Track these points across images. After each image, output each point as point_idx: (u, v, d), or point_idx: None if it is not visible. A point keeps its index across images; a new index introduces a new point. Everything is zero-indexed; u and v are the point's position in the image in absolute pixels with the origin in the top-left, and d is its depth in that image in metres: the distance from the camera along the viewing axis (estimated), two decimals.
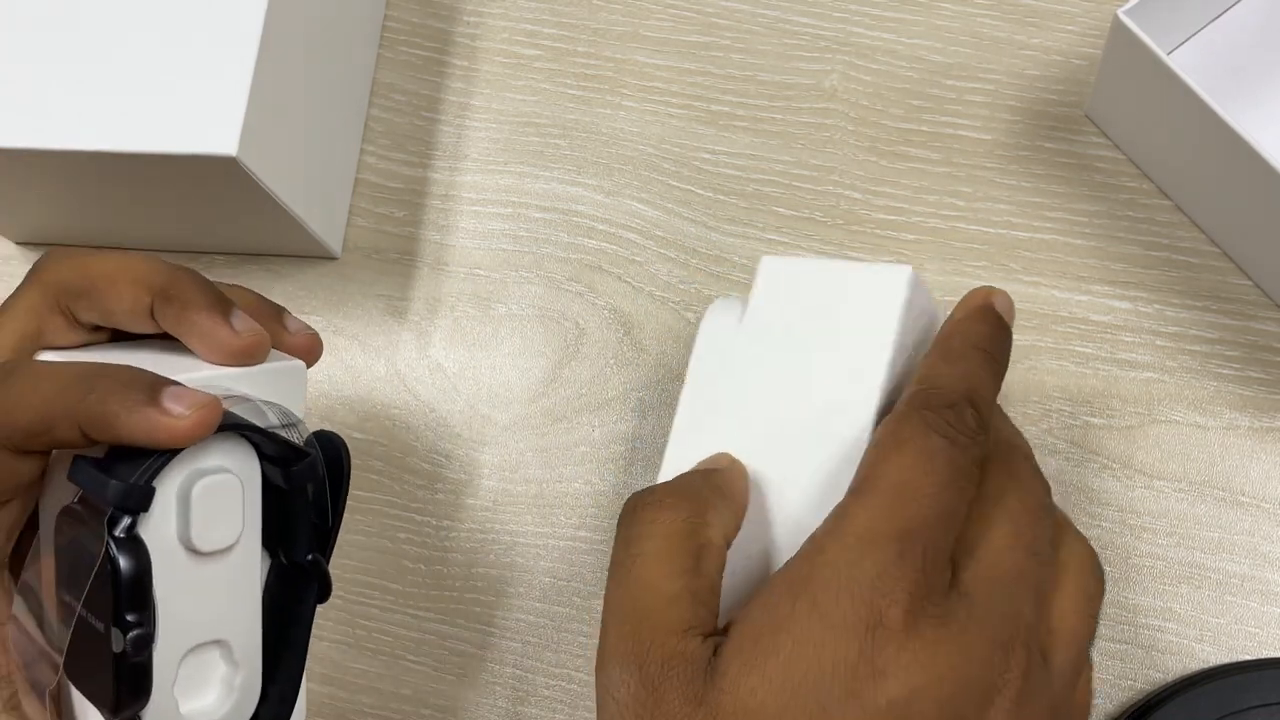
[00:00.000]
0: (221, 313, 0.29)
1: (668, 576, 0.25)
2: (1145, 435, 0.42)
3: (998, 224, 0.44)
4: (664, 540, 0.26)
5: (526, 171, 0.46)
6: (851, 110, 0.46)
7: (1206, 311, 0.43)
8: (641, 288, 0.44)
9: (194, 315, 0.28)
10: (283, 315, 0.32)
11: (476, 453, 0.43)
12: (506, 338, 0.44)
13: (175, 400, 0.25)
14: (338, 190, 0.45)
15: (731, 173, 0.45)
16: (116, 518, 0.24)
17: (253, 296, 0.31)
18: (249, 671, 0.28)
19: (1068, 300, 0.43)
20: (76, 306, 0.29)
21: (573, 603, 0.41)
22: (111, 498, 0.24)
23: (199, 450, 0.26)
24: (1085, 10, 0.46)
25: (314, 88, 0.42)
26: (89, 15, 0.38)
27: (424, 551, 0.42)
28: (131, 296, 0.28)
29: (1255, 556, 0.40)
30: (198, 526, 0.26)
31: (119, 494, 0.24)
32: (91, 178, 0.39)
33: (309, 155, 0.42)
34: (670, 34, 0.47)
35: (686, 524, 0.26)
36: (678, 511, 0.26)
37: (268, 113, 0.37)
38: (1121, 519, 0.41)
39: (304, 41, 0.40)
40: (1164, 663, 0.40)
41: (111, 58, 0.37)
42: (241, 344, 0.28)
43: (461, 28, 0.48)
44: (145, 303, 0.29)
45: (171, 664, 0.26)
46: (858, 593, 0.23)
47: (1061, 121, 0.45)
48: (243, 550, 0.27)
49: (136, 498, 0.24)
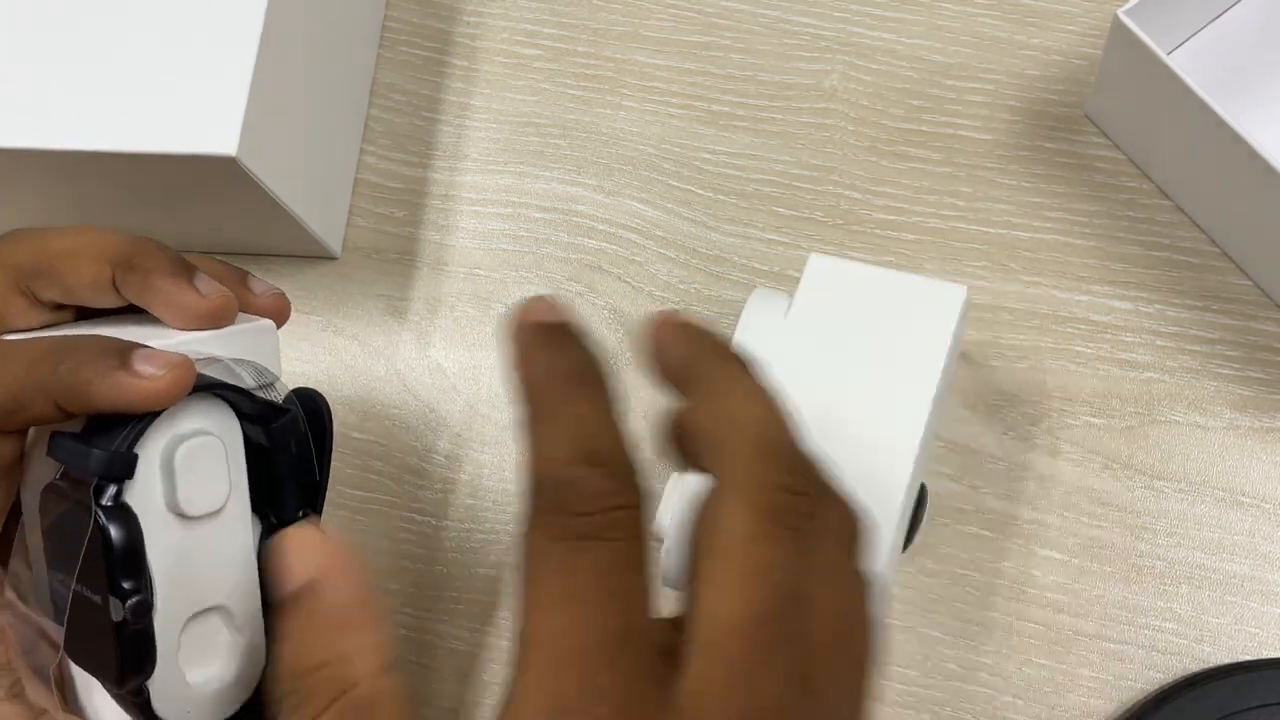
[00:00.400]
0: (185, 277, 0.28)
1: None
2: (1145, 435, 0.42)
3: (998, 224, 0.44)
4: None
5: (526, 171, 0.46)
6: (851, 110, 0.46)
7: (1206, 311, 0.43)
8: (641, 288, 0.44)
9: (157, 282, 0.28)
10: (248, 278, 0.31)
11: (476, 453, 0.43)
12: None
13: (146, 362, 0.25)
14: (338, 190, 0.45)
15: (731, 173, 0.45)
16: (102, 487, 0.24)
17: (217, 264, 0.31)
18: (252, 635, 0.28)
19: (1068, 300, 0.43)
20: (37, 286, 0.28)
21: None
22: (94, 467, 0.24)
23: (177, 414, 0.26)
24: (1085, 10, 0.46)
25: (314, 88, 0.42)
26: (89, 15, 0.38)
27: (424, 551, 0.42)
28: (93, 270, 0.28)
29: (1255, 557, 0.40)
30: (184, 491, 0.25)
31: (101, 463, 0.24)
32: (91, 178, 0.39)
33: (309, 155, 0.41)
34: (670, 34, 0.47)
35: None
36: None
37: (268, 113, 0.37)
38: (1121, 519, 0.41)
39: (304, 41, 0.40)
40: (1164, 663, 0.40)
41: (111, 58, 0.37)
42: (209, 306, 0.28)
43: (461, 28, 0.48)
44: (107, 275, 0.28)
45: (173, 634, 0.26)
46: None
47: (1061, 121, 0.45)
48: (231, 513, 0.27)
49: (119, 465, 0.24)
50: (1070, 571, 0.41)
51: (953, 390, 0.42)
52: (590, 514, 0.20)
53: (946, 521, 0.41)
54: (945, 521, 0.41)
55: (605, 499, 0.21)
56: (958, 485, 0.42)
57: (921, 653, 0.40)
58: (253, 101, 0.36)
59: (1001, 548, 0.41)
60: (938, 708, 0.40)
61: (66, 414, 0.25)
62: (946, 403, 0.42)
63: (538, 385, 0.22)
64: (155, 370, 0.24)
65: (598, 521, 0.20)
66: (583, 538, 0.20)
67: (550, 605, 0.20)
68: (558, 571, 0.20)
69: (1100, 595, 0.40)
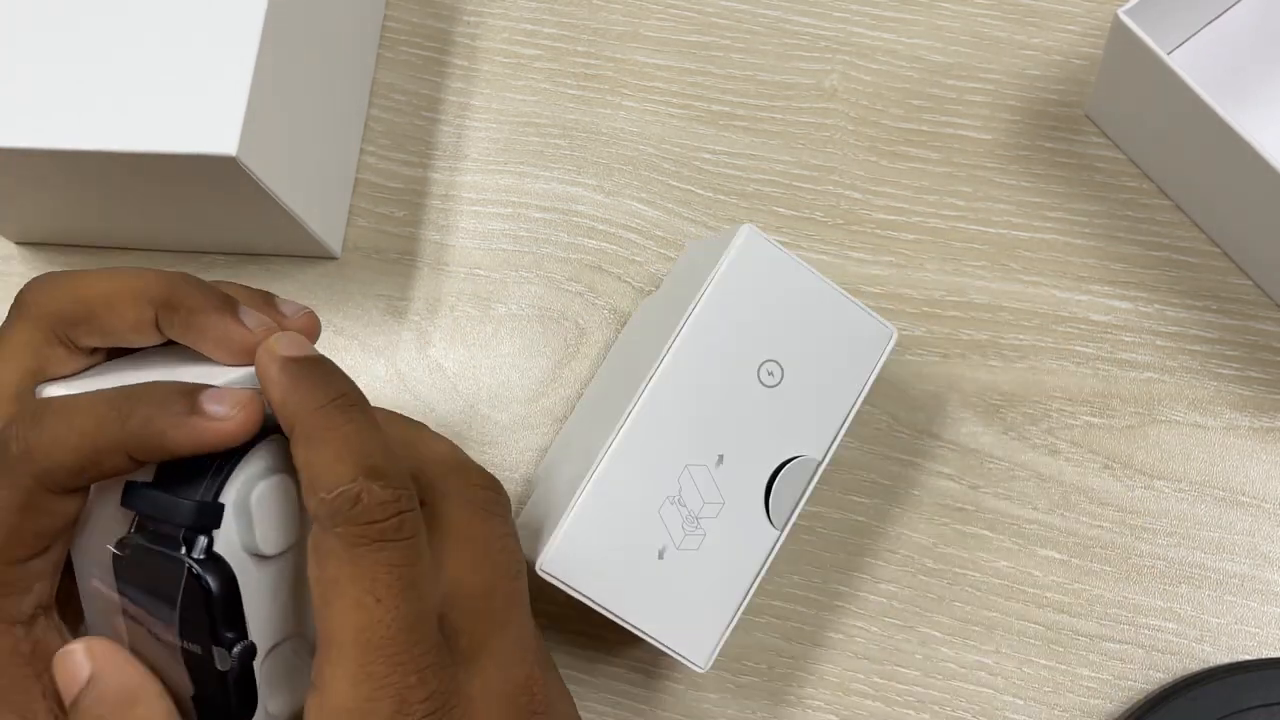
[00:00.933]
0: (230, 312, 0.28)
1: None
2: (1145, 435, 0.42)
3: (998, 224, 0.44)
4: None
5: (526, 171, 0.46)
6: (851, 110, 0.46)
7: (1206, 311, 0.43)
8: (641, 288, 0.44)
9: (202, 320, 0.28)
10: (274, 300, 0.31)
11: (476, 453, 0.43)
12: (506, 338, 0.44)
13: (215, 402, 0.25)
14: (338, 190, 0.45)
15: (731, 173, 0.45)
16: (192, 538, 0.24)
17: (242, 289, 0.31)
18: (312, 655, 0.28)
19: (1068, 300, 0.43)
20: (76, 334, 0.28)
21: (572, 602, 0.41)
22: (185, 518, 0.24)
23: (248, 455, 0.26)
24: (1085, 10, 0.46)
25: (314, 88, 0.42)
26: (89, 15, 0.38)
27: None
28: (134, 313, 0.28)
29: (1255, 556, 0.40)
30: (261, 532, 0.25)
31: (192, 514, 0.24)
32: (91, 177, 0.39)
33: (309, 155, 0.41)
34: (670, 34, 0.47)
35: None
36: None
37: (268, 113, 0.37)
38: (1121, 519, 0.41)
39: (304, 41, 0.40)
40: (1164, 663, 0.40)
41: (111, 58, 0.37)
42: (257, 340, 0.28)
43: (461, 28, 0.48)
44: (149, 316, 0.28)
45: (258, 669, 0.26)
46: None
47: (1061, 121, 0.45)
48: (302, 545, 0.27)
49: (210, 514, 0.24)
50: (1070, 571, 0.41)
51: (954, 390, 0.42)
52: (381, 520, 0.24)
53: (946, 521, 0.41)
54: (945, 521, 0.41)
55: (390, 506, 0.24)
56: (958, 485, 0.42)
57: (921, 653, 0.40)
58: (253, 101, 0.36)
59: (1001, 548, 0.41)
60: (938, 708, 0.40)
61: (139, 464, 0.25)
62: (946, 402, 0.42)
63: (307, 415, 0.25)
64: (227, 410, 0.25)
65: (387, 526, 0.24)
66: (377, 540, 0.24)
67: (355, 602, 0.23)
68: (359, 573, 0.24)
69: (1100, 595, 0.40)
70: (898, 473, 0.42)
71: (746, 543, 0.33)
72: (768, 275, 0.34)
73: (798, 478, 0.33)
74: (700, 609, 0.33)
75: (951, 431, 0.42)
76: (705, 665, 0.33)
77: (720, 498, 0.33)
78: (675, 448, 0.33)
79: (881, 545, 0.41)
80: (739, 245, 0.34)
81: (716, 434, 0.33)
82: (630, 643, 0.41)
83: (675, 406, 0.33)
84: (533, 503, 0.37)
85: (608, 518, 0.32)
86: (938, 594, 0.41)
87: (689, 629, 0.33)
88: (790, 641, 0.41)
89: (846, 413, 0.34)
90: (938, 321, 0.43)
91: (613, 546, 0.32)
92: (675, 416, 0.33)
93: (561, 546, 0.32)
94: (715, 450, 0.33)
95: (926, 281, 0.43)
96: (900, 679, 0.40)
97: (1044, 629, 0.40)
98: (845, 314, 0.34)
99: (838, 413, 0.34)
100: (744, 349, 0.33)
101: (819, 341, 0.34)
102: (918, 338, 0.43)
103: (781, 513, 0.33)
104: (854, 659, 0.40)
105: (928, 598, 0.41)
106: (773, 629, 0.41)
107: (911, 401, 0.42)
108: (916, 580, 0.41)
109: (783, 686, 0.40)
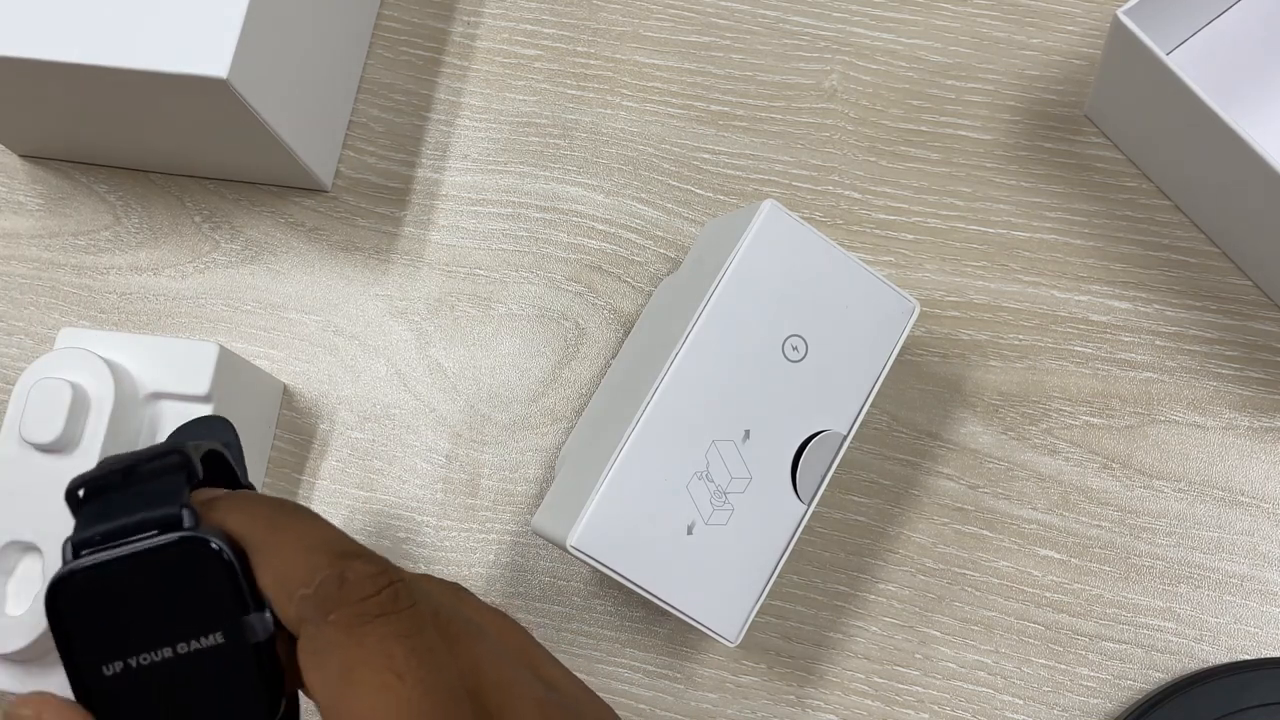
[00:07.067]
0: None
1: None
2: (1145, 435, 0.42)
3: (997, 224, 0.44)
4: None
5: (526, 171, 0.46)
6: (851, 110, 0.46)
7: (1206, 311, 0.43)
8: (641, 288, 0.44)
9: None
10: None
11: (476, 453, 0.43)
12: (506, 338, 0.44)
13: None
14: (331, 124, 0.45)
15: (731, 173, 0.45)
16: (173, 520, 0.22)
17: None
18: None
19: (1067, 300, 0.43)
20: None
21: (572, 602, 0.41)
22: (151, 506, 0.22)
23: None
24: (1085, 10, 0.46)
25: (312, 21, 0.42)
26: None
27: (424, 551, 0.42)
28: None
29: (1255, 556, 0.40)
30: (28, 420, 0.32)
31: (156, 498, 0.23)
32: (88, 92, 0.39)
33: (303, 86, 0.42)
34: (670, 34, 0.47)
35: None
36: None
37: (262, 39, 0.38)
38: (1121, 519, 0.41)
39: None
40: (1163, 662, 0.40)
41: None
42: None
43: (460, 27, 0.48)
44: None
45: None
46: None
47: (1061, 121, 0.45)
48: (75, 457, 0.30)
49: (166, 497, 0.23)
50: (1069, 571, 0.41)
51: (953, 390, 0.42)
52: (375, 594, 0.22)
53: (946, 521, 0.41)
54: (945, 521, 0.41)
55: (380, 578, 0.22)
56: (957, 485, 0.42)
57: (921, 652, 0.40)
58: (248, 27, 0.37)
59: (1001, 548, 0.41)
60: (937, 707, 0.40)
61: None
62: (946, 402, 0.42)
63: (256, 529, 0.23)
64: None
65: (384, 599, 0.22)
66: (379, 615, 0.21)
67: (379, 686, 0.21)
68: (370, 654, 0.21)
69: (1099, 595, 0.40)
70: (897, 473, 0.42)
71: (774, 517, 0.33)
72: (790, 250, 0.34)
73: (824, 452, 0.34)
74: (730, 584, 0.33)
75: (951, 431, 0.42)
76: (736, 639, 0.33)
77: (747, 473, 0.33)
78: (702, 424, 0.33)
79: (881, 545, 0.41)
80: (761, 220, 0.34)
81: (742, 409, 0.33)
82: (630, 643, 0.41)
83: (701, 383, 0.33)
84: (557, 484, 0.37)
85: (636, 494, 0.32)
86: (938, 594, 0.41)
87: (719, 604, 0.33)
88: (790, 641, 0.41)
89: (871, 386, 0.34)
90: (937, 322, 0.43)
91: (642, 522, 0.32)
92: (701, 393, 0.33)
93: (591, 522, 0.32)
94: (742, 425, 0.33)
95: (926, 281, 0.44)
96: (900, 679, 0.40)
97: (1043, 629, 0.40)
98: (868, 288, 0.34)
99: (862, 386, 0.34)
100: (768, 324, 0.33)
101: (842, 315, 0.34)
102: (917, 338, 0.43)
103: (808, 487, 0.33)
104: (854, 659, 0.40)
105: (928, 598, 0.41)
106: (773, 629, 0.41)
107: (911, 402, 0.42)
108: (916, 580, 0.41)
109: (783, 686, 0.40)
